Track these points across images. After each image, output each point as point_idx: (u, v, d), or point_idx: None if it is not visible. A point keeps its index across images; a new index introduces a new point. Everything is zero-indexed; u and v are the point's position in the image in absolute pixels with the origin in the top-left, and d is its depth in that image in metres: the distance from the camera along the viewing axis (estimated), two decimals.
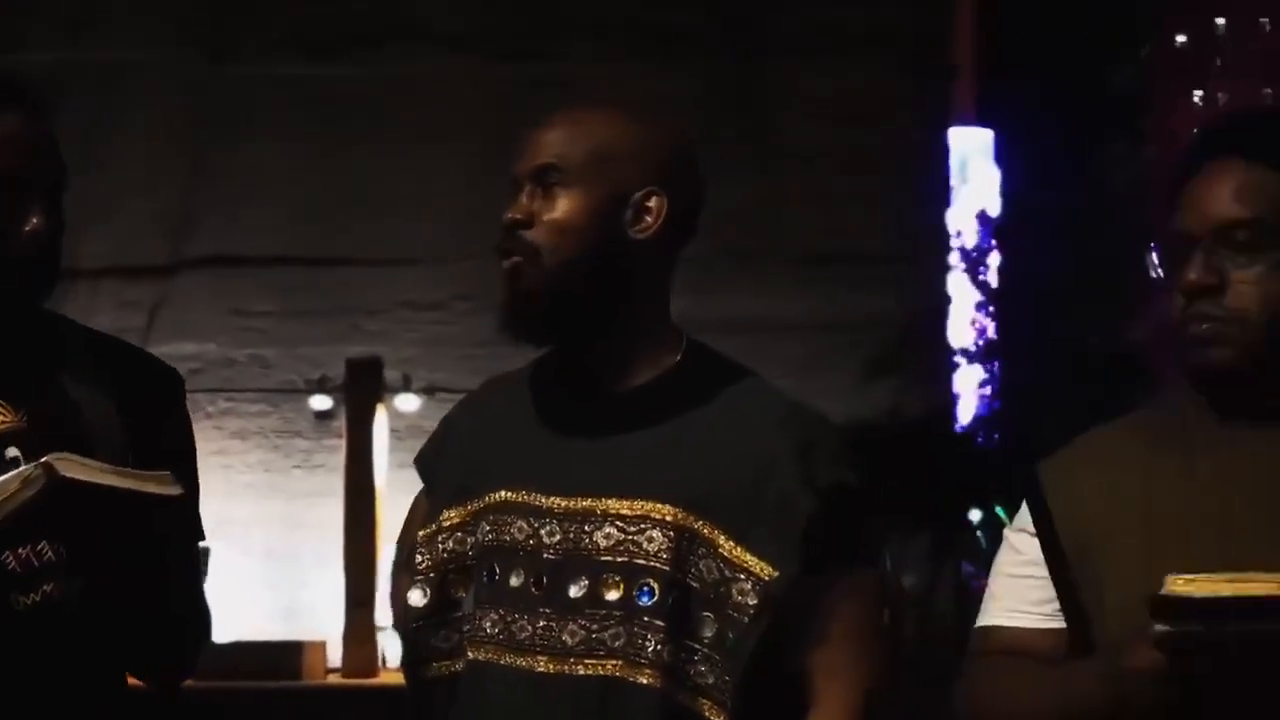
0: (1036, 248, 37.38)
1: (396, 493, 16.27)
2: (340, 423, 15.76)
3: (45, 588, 1.86)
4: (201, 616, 2.05)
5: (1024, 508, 1.92)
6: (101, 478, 1.83)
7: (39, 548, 1.85)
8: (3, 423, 1.91)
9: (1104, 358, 32.48)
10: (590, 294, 1.92)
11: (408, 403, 16.15)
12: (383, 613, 15.63)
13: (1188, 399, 1.84)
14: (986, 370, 34.57)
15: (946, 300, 19.66)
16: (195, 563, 2.06)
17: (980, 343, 33.51)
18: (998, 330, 34.77)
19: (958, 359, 27.44)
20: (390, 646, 15.92)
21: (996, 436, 31.70)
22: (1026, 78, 45.60)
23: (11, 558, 1.85)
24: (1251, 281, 1.76)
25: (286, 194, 16.33)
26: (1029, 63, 45.89)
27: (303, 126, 16.33)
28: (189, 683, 2.14)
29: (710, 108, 15.01)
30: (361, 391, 15.30)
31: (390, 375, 15.94)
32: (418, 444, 2.12)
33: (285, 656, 13.62)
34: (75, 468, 1.81)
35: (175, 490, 1.89)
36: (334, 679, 13.97)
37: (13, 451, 1.89)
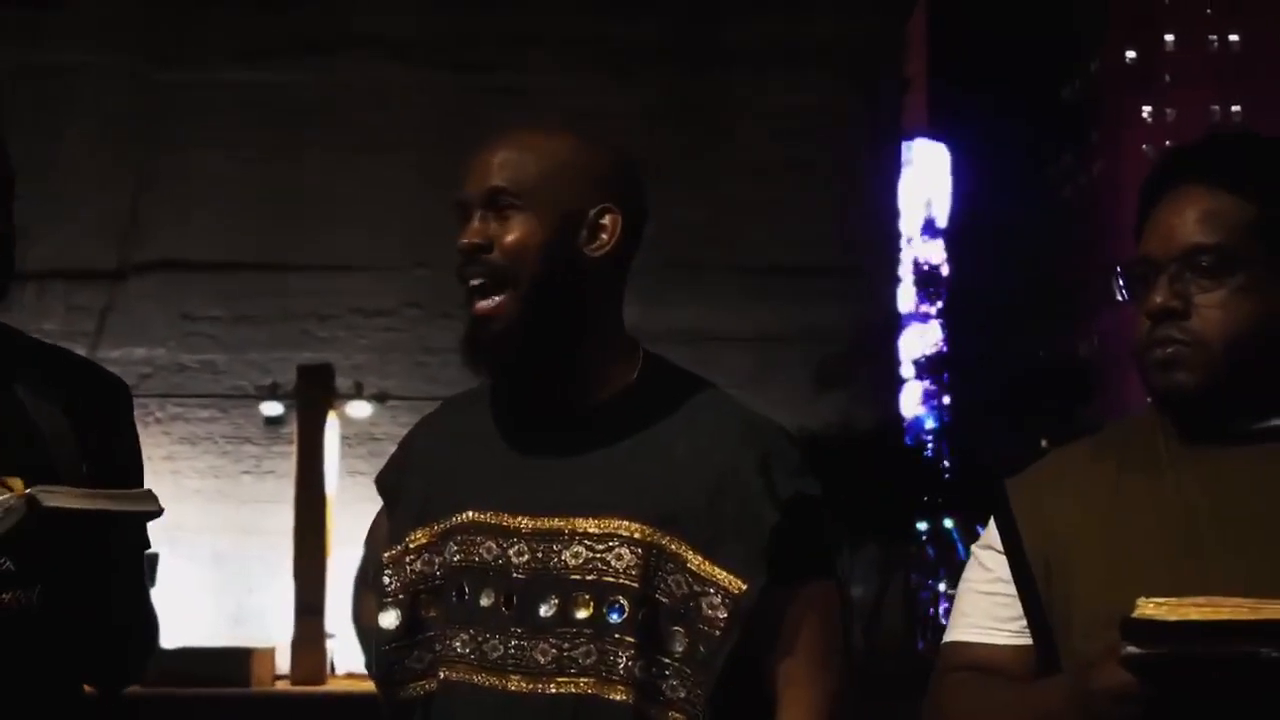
0: (986, 260, 37.56)
1: (347, 500, 16.22)
2: (290, 429, 15.71)
3: (3, 596, 1.86)
4: (148, 623, 2.05)
5: (991, 525, 1.93)
6: (86, 504, 1.85)
7: None
8: None
9: (1052, 372, 32.69)
10: (551, 316, 1.90)
11: (359, 409, 16.11)
12: (332, 620, 15.59)
13: (1154, 419, 1.85)
14: (935, 383, 34.69)
15: (896, 313, 19.74)
16: (141, 571, 2.06)
17: (928, 355, 33.63)
18: (947, 343, 34.91)
19: (907, 371, 27.54)
20: (339, 654, 15.87)
21: (945, 449, 31.84)
22: (978, 91, 45.80)
23: None
24: (1214, 306, 1.78)
25: (237, 199, 16.27)
26: (980, 76, 46.10)
27: (254, 133, 16.27)
28: (137, 689, 2.14)
29: (662, 121, 15.03)
30: (313, 398, 15.26)
31: (341, 382, 15.90)
32: (368, 450, 2.12)
33: (233, 663, 13.55)
34: (57, 497, 1.83)
35: (155, 506, 1.91)
36: (282, 686, 13.92)
37: None
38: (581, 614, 1.85)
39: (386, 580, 1.97)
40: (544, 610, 1.86)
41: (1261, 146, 1.83)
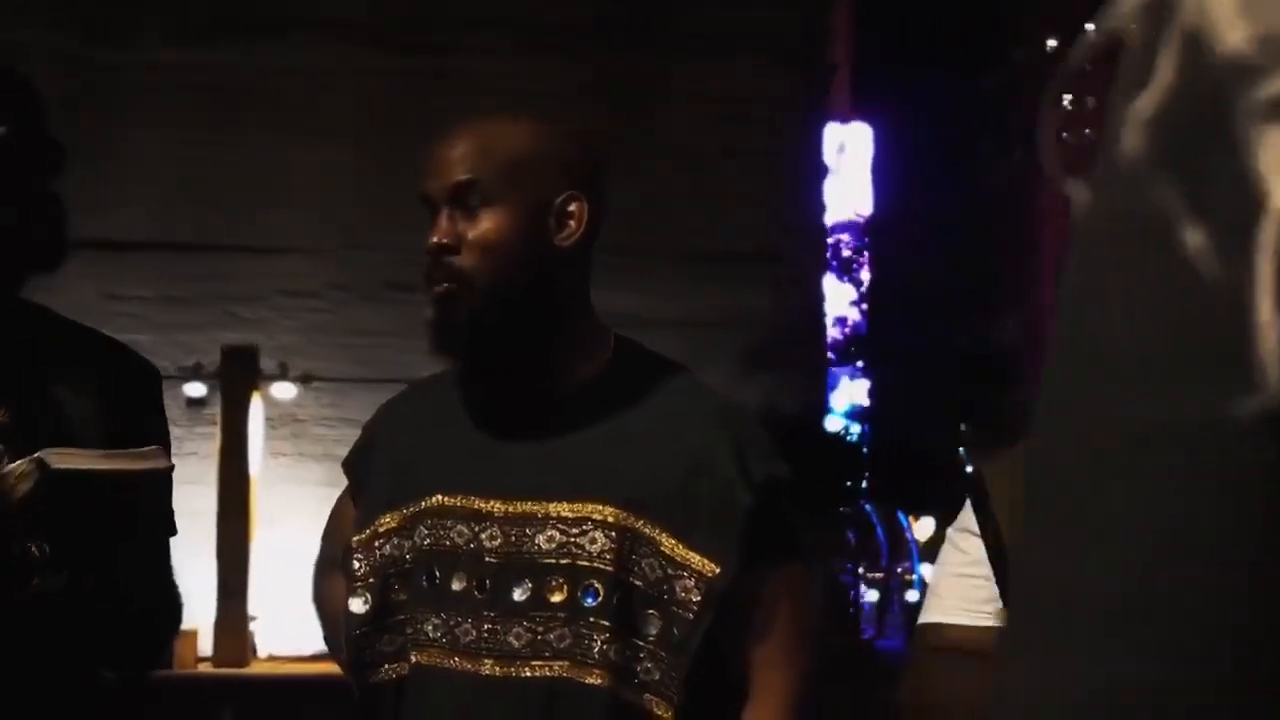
0: (910, 246, 37.74)
1: (270, 481, 16.12)
2: (213, 410, 15.58)
3: (34, 581, 1.86)
4: (173, 606, 2.08)
5: (967, 508, 1.96)
6: (94, 463, 1.86)
7: (26, 544, 1.85)
8: None
9: (975, 357, 32.90)
10: (523, 310, 1.88)
11: (283, 391, 16.00)
12: (255, 603, 15.49)
13: None
14: (857, 368, 34.82)
15: (822, 298, 19.82)
16: (167, 553, 2.06)
17: (845, 338, 33.73)
18: (868, 328, 35.05)
19: (829, 356, 27.65)
20: (261, 636, 15.78)
21: (866, 433, 31.96)
22: (903, 78, 45.96)
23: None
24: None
25: (163, 180, 16.12)
26: (906, 63, 46.27)
27: (181, 112, 16.11)
28: None
29: (594, 104, 15.02)
30: (237, 379, 15.15)
31: (266, 363, 15.79)
32: (291, 432, 2.11)
33: None
34: (67, 458, 1.84)
35: (165, 463, 1.93)
36: (205, 668, 13.84)
37: None
38: (556, 598, 1.86)
39: (356, 565, 1.97)
40: (517, 594, 1.87)
41: None
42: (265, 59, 16.00)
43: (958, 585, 1.94)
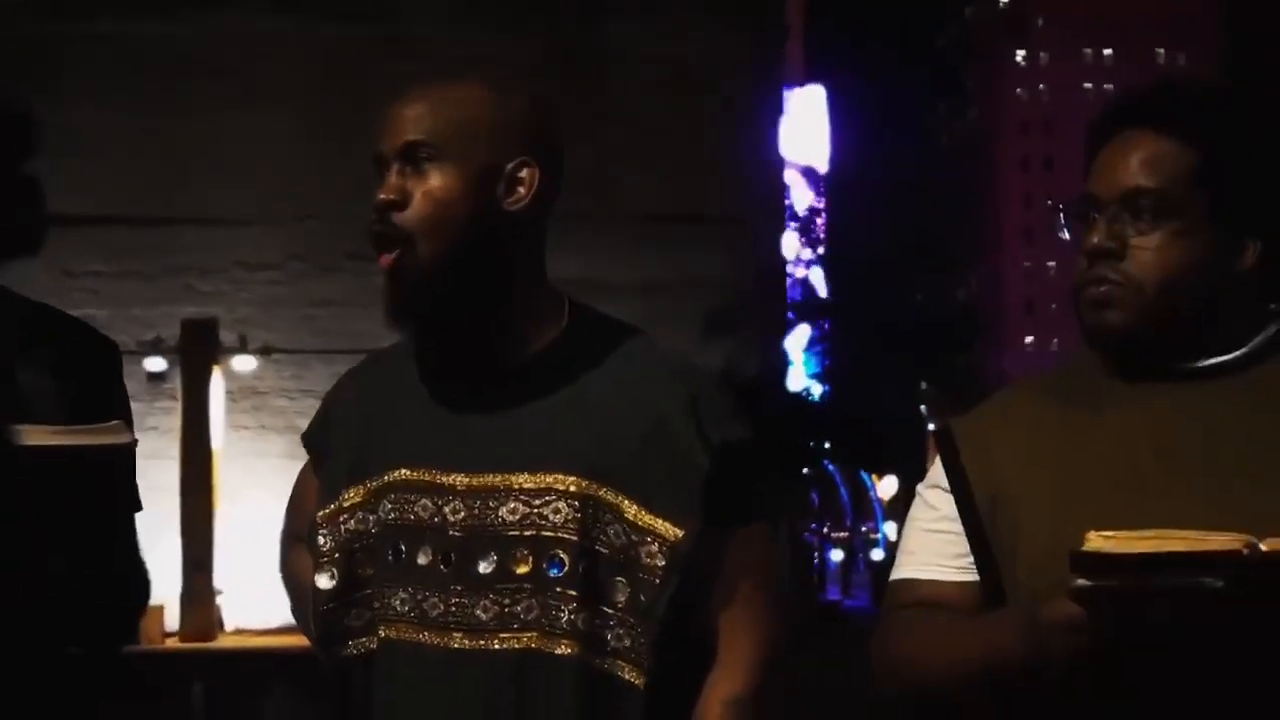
0: (866, 207, 37.88)
1: (233, 454, 16.05)
2: (173, 385, 15.50)
3: None
4: (140, 581, 2.07)
5: (937, 464, 1.97)
6: (57, 439, 1.87)
7: None
8: None
9: (932, 316, 33.07)
10: (472, 274, 1.89)
11: (244, 363, 15.94)
12: (220, 576, 15.47)
13: (1096, 358, 1.89)
14: (816, 329, 34.91)
15: (781, 260, 19.86)
16: (133, 529, 2.06)
17: (807, 300, 33.80)
18: (828, 289, 35.13)
19: (789, 317, 27.78)
20: (228, 609, 15.76)
21: (827, 393, 32.06)
22: (854, 39, 46.01)
23: None
24: (1150, 249, 1.81)
25: (114, 153, 15.99)
26: (857, 24, 46.29)
27: (129, 83, 15.98)
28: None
29: (546, 69, 14.96)
30: (197, 353, 15.08)
31: (225, 336, 15.70)
32: (252, 405, 2.10)
33: None
34: (34, 435, 1.85)
35: (129, 438, 1.92)
36: (172, 643, 13.79)
37: None
38: (521, 569, 1.87)
39: (321, 540, 1.98)
40: (483, 567, 1.88)
41: (1208, 94, 1.85)
42: (213, 28, 15.86)
43: (929, 540, 1.95)
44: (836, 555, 32.00)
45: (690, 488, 1.89)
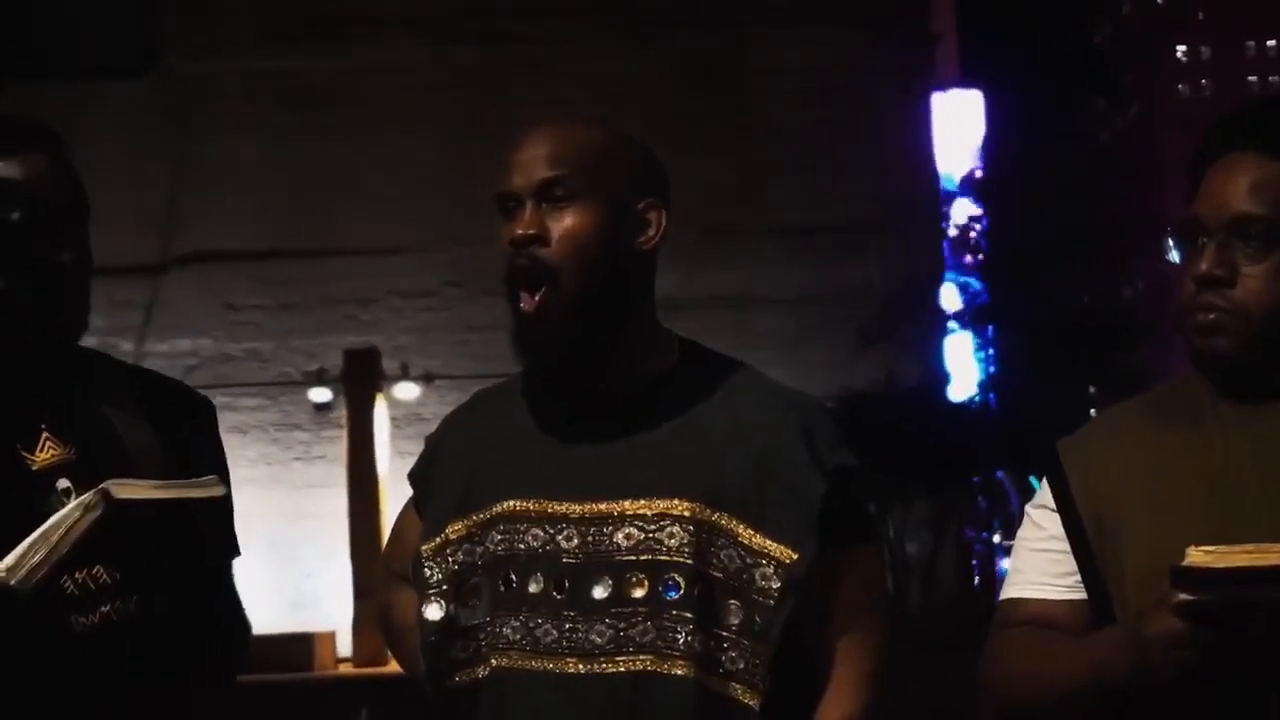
0: (1023, 209, 37.42)
1: (398, 480, 16.29)
2: (338, 413, 15.80)
3: (103, 608, 1.92)
4: (240, 624, 2.13)
5: (1044, 484, 1.97)
6: (154, 493, 1.92)
7: (94, 570, 1.92)
8: (54, 456, 1.98)
9: (1096, 318, 32.56)
10: (605, 310, 1.92)
11: (406, 390, 16.18)
12: None
13: (1199, 380, 1.89)
14: (979, 335, 34.60)
15: (938, 266, 19.71)
16: (231, 574, 2.13)
17: (967, 306, 33.54)
18: (987, 294, 34.80)
19: (950, 324, 27.46)
20: None
21: (993, 400, 31.76)
22: (1009, 40, 45.55)
23: (70, 582, 1.91)
24: (1259, 277, 1.80)
25: (270, 187, 16.33)
26: (1011, 25, 45.84)
27: (281, 118, 16.32)
28: None
29: (687, 85, 14.99)
30: (360, 381, 15.36)
31: (387, 364, 15.98)
32: (416, 431, 2.14)
33: (296, 648, 13.65)
34: (128, 489, 1.90)
35: (221, 490, 1.98)
36: (345, 669, 14.02)
37: (64, 483, 1.95)
38: (637, 593, 1.88)
39: (428, 572, 1.99)
40: (598, 592, 1.88)
41: None
42: (354, 60, 16.16)
43: (1037, 559, 1.95)
44: (1007, 564, 31.79)
45: (806, 511, 1.89)
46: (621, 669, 1.87)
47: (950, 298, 29.51)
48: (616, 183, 1.93)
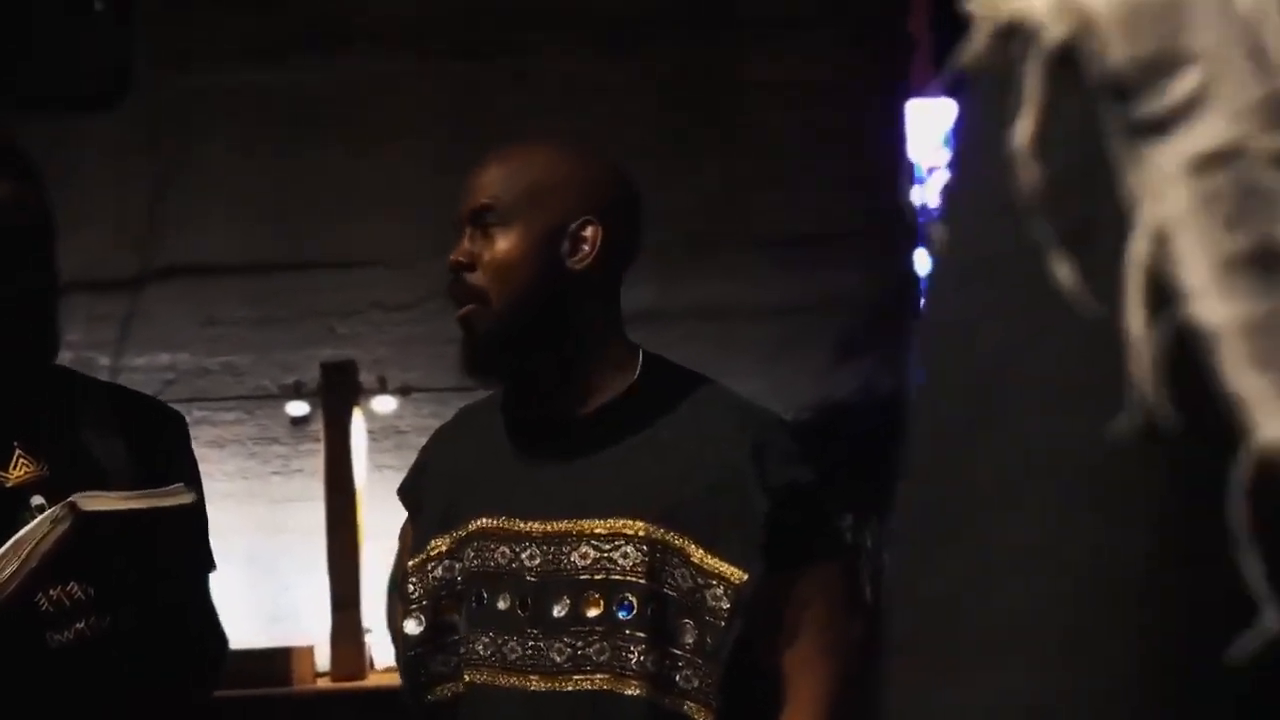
0: None
1: (376, 494, 16.24)
2: (316, 427, 15.73)
3: (78, 625, 1.95)
4: (216, 637, 2.13)
5: None
6: (122, 504, 1.96)
7: (69, 587, 1.97)
8: (27, 473, 2.04)
9: None
10: (541, 330, 1.99)
11: (384, 404, 16.13)
12: (368, 615, 15.66)
13: None
14: None
15: (914, 274, 19.75)
16: (207, 588, 2.14)
17: None
18: None
19: None
20: (378, 648, 15.94)
21: None
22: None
23: (44, 598, 1.96)
24: None
25: (248, 201, 16.28)
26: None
27: (263, 131, 16.26)
28: None
29: (670, 94, 15.01)
30: (337, 395, 15.31)
31: (365, 377, 15.91)
32: (394, 444, 2.17)
33: (274, 663, 13.57)
34: (96, 501, 1.94)
35: (189, 498, 1.99)
36: (324, 683, 13.95)
37: (37, 499, 2.02)
38: (592, 612, 1.94)
39: (411, 588, 2.08)
40: (557, 611, 1.95)
41: None
42: (338, 71, 16.12)
43: None
44: None
45: (753, 531, 1.94)
46: (579, 687, 1.93)
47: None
48: (551, 205, 2.00)
